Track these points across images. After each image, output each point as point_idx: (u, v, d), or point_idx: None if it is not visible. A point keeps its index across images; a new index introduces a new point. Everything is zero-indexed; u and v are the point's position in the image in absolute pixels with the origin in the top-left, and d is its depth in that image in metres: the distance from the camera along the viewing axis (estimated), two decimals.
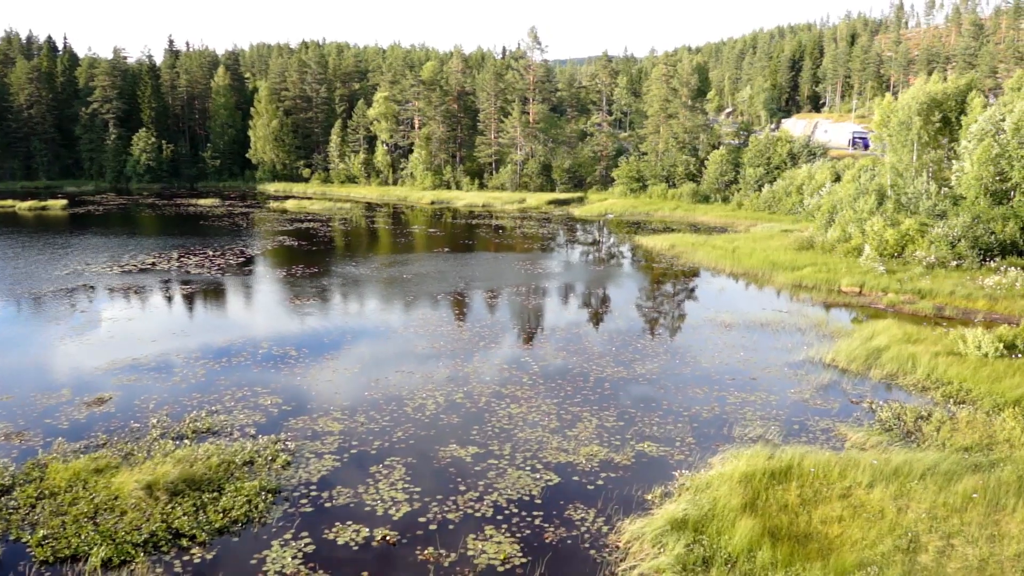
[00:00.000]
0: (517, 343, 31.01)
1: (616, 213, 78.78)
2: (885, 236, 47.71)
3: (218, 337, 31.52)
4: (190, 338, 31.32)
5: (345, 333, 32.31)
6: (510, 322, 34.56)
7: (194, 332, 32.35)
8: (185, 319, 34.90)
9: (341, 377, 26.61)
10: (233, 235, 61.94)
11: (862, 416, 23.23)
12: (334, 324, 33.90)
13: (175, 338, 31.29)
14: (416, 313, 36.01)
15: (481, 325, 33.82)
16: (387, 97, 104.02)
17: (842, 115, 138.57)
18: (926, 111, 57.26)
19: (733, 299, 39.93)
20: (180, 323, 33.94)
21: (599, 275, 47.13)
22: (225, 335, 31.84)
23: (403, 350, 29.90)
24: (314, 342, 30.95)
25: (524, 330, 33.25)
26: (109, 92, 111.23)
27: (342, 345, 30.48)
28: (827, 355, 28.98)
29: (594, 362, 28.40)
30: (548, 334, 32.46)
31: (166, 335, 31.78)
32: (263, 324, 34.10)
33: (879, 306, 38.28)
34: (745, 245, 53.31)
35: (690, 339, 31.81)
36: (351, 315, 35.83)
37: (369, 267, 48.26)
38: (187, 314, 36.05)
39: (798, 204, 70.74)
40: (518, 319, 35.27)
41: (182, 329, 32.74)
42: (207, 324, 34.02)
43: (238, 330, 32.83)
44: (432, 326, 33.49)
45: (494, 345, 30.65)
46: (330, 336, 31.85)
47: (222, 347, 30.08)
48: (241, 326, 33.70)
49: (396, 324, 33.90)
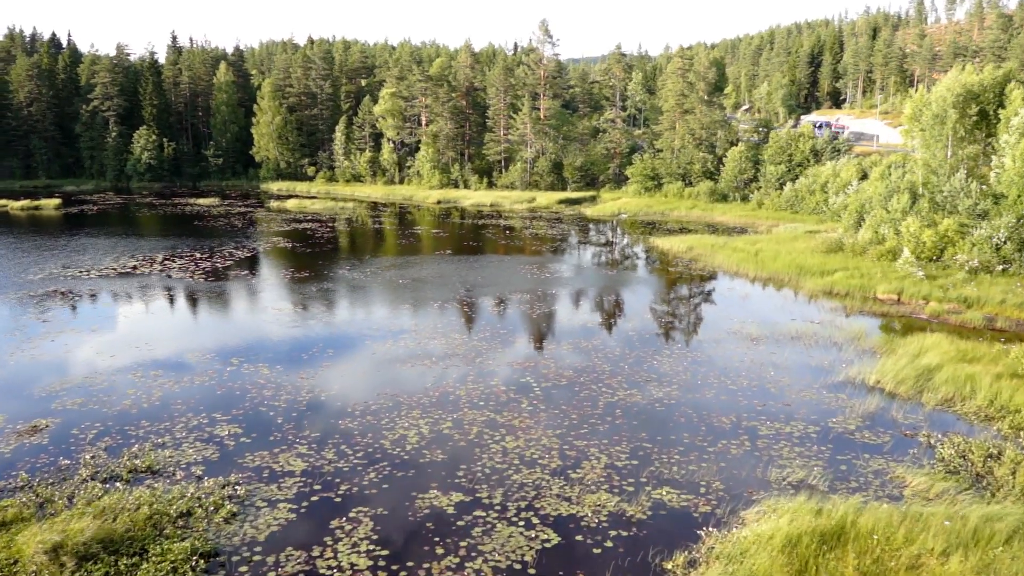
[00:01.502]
0: (518, 360, 27.59)
1: (630, 213, 75.20)
2: (922, 238, 43.95)
3: (185, 352, 28.31)
4: (153, 352, 28.12)
5: (326, 348, 29.01)
6: (512, 335, 31.15)
7: (159, 345, 29.15)
8: (153, 330, 31.71)
9: (314, 401, 23.31)
10: (227, 236, 58.89)
11: (919, 453, 19.68)
12: (315, 337, 30.62)
13: (137, 352, 28.11)
14: (408, 324, 32.67)
15: (479, 338, 30.42)
16: (393, 93, 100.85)
17: (864, 111, 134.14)
18: (962, 104, 53.42)
19: (758, 308, 36.35)
20: (147, 335, 30.75)
21: (611, 280, 43.64)
22: (193, 349, 28.62)
23: (389, 369, 26.57)
24: (290, 358, 27.68)
25: (527, 345, 29.83)
26: (110, 89, 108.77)
27: (321, 362, 27.18)
28: (870, 375, 25.40)
29: (604, 383, 24.95)
30: (553, 349, 29.03)
31: (128, 349, 28.61)
32: (237, 336, 30.86)
33: (921, 316, 34.59)
34: (768, 247, 49.67)
35: (713, 355, 28.29)
36: (335, 326, 32.53)
37: (365, 271, 45.00)
38: (156, 325, 32.88)
39: (822, 203, 66.94)
40: (521, 331, 31.85)
41: (147, 342, 29.54)
42: (176, 336, 30.80)
43: (208, 343, 29.61)
44: (424, 340, 30.13)
45: (492, 362, 27.25)
46: (309, 351, 28.56)
47: (186, 363, 26.85)
48: (213, 338, 30.47)
49: (384, 337, 30.57)
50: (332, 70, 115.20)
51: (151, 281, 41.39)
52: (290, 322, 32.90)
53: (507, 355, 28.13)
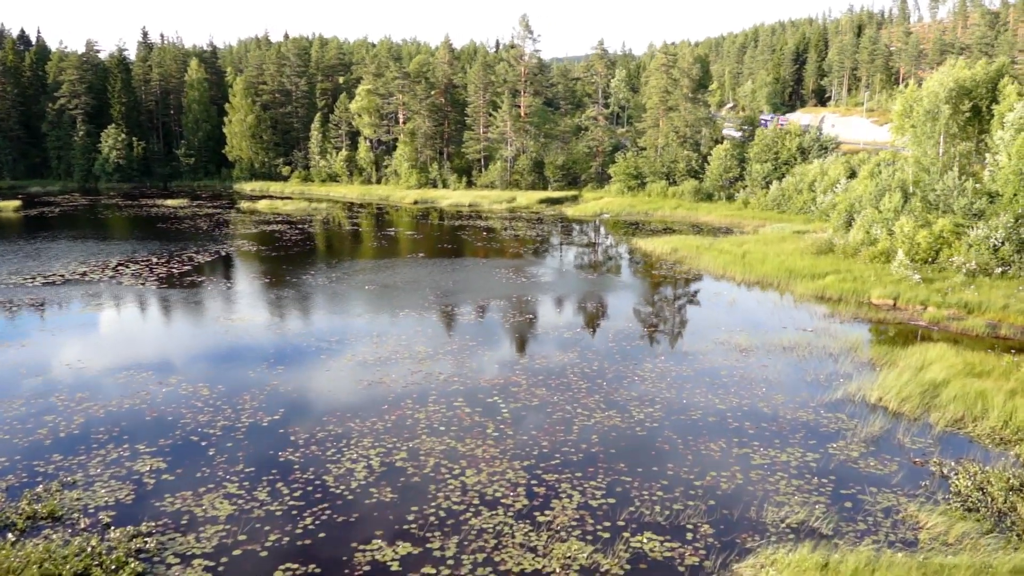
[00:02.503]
0: (487, 376, 25.16)
1: (612, 213, 72.94)
2: (917, 239, 41.93)
3: (119, 370, 25.66)
4: (84, 371, 25.46)
5: (277, 364, 26.46)
6: (482, 348, 28.71)
7: (93, 363, 26.49)
8: (88, 346, 29.02)
9: (255, 427, 20.78)
10: (189, 240, 56.07)
11: (932, 486, 17.45)
12: (266, 351, 28.04)
13: (66, 371, 25.44)
14: (370, 336, 30.15)
15: (446, 351, 27.96)
16: (370, 90, 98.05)
17: (849, 109, 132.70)
18: (955, 99, 51.48)
19: (747, 315, 34.12)
20: (81, 351, 28.07)
21: (591, 285, 41.29)
22: (129, 367, 25.97)
23: (342, 387, 24.06)
24: (235, 376, 25.11)
25: (497, 359, 27.39)
26: (77, 87, 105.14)
27: (268, 380, 24.63)
28: (871, 391, 23.18)
29: (580, 403, 22.57)
30: (526, 364, 26.62)
31: (57, 367, 25.94)
32: (181, 351, 28.25)
33: (920, 323, 32.48)
34: (756, 249, 47.53)
35: (700, 369, 25.98)
36: (290, 339, 29.94)
37: (332, 276, 42.42)
38: (94, 339, 30.18)
39: (810, 202, 64.95)
40: (492, 344, 29.42)
41: (80, 359, 26.86)
42: (112, 352, 28.11)
43: (148, 360, 26.97)
44: (385, 354, 27.64)
45: (458, 379, 24.80)
46: (257, 367, 26.00)
47: (118, 384, 24.22)
48: (153, 354, 27.83)
49: (341, 351, 28.05)
50: (308, 67, 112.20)
51: (99, 289, 38.61)
52: (242, 334, 30.30)
53: (475, 371, 25.69)
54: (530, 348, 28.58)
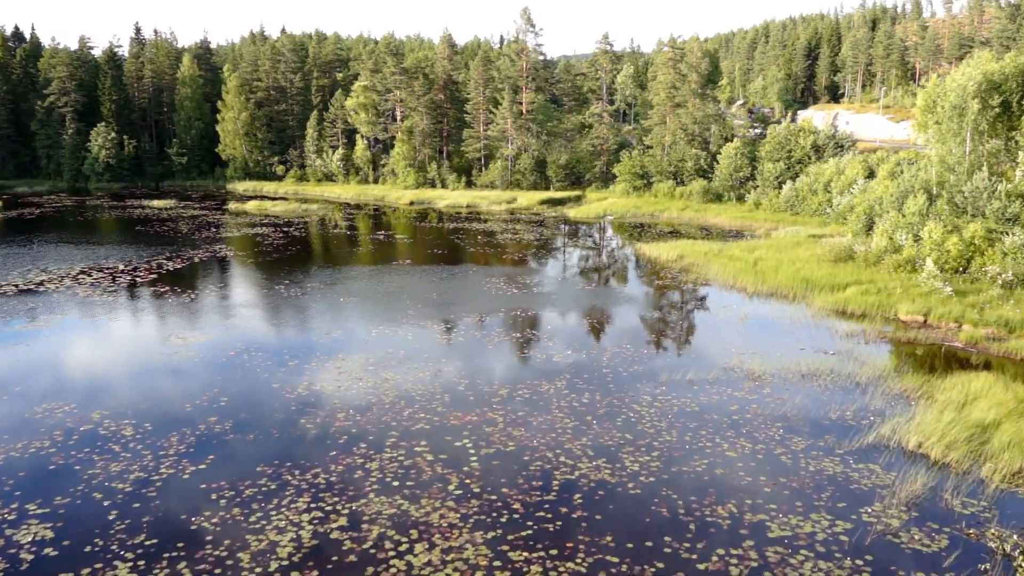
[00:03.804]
0: (457, 412, 21.73)
1: (616, 214, 69.35)
2: (946, 246, 38.28)
3: (40, 401, 22.37)
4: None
5: (220, 395, 23.09)
6: (457, 375, 25.29)
7: (11, 393, 23.20)
8: (15, 371, 25.69)
9: (172, 481, 17.44)
10: (166, 244, 52.86)
11: (995, 570, 13.93)
12: (212, 379, 24.69)
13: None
14: (331, 359, 26.75)
15: (415, 379, 24.54)
16: (367, 87, 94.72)
17: (864, 105, 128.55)
18: (984, 93, 47.71)
19: (760, 333, 30.56)
20: (3, 378, 24.79)
21: (588, 298, 37.79)
22: (53, 397, 22.67)
23: (286, 428, 20.68)
24: (168, 411, 21.77)
25: (473, 390, 23.94)
26: (68, 84, 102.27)
27: (204, 417, 21.28)
28: (909, 435, 19.64)
29: (563, 450, 19.13)
30: (505, 396, 23.14)
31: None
32: (116, 378, 24.96)
33: (955, 344, 28.85)
34: (769, 255, 43.94)
35: (706, 404, 22.47)
36: (241, 364, 26.53)
37: (307, 287, 39.10)
38: (24, 362, 26.84)
39: (826, 204, 61.26)
40: (469, 370, 25.98)
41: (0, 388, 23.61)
42: (39, 379, 24.80)
43: (76, 389, 23.69)
44: (345, 383, 24.25)
45: (424, 416, 21.39)
46: (196, 399, 22.65)
47: (33, 421, 20.92)
48: (85, 382, 24.56)
49: (296, 379, 24.66)
50: (305, 64, 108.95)
51: (50, 301, 35.39)
52: (191, 357, 26.98)
53: (446, 405, 22.26)
54: (513, 375, 25.12)
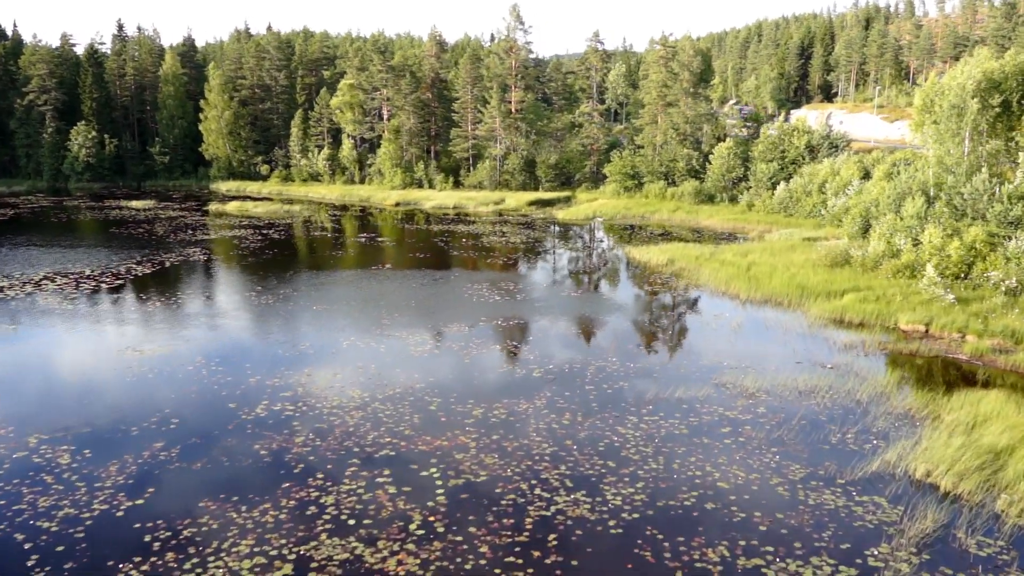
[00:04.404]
0: (427, 436, 20.01)
1: (606, 216, 67.70)
2: (947, 250, 36.77)
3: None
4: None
5: (171, 416, 21.28)
6: (428, 392, 23.57)
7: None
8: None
9: (103, 521, 15.68)
10: (138, 247, 50.95)
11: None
12: (164, 397, 22.87)
13: None
14: (296, 375, 24.98)
15: (383, 398, 22.81)
16: (352, 85, 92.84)
17: (858, 105, 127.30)
18: (983, 92, 46.27)
19: (754, 344, 28.94)
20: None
21: (573, 307, 36.09)
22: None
23: (237, 455, 18.91)
24: (111, 435, 19.98)
25: (445, 410, 22.21)
26: (48, 82, 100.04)
27: (149, 442, 19.48)
28: (916, 462, 18.05)
29: (539, 480, 17.45)
30: (478, 418, 21.42)
31: None
32: (63, 397, 23.14)
33: (959, 356, 27.29)
34: (762, 259, 42.41)
35: (695, 425, 20.81)
36: (200, 378, 24.70)
37: (278, 293, 37.31)
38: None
39: (820, 205, 59.78)
40: (441, 387, 24.25)
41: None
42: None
43: (17, 409, 21.86)
44: (307, 403, 22.49)
45: (389, 441, 19.66)
46: (144, 422, 20.84)
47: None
48: (28, 401, 22.75)
49: (255, 397, 22.85)
50: (291, 61, 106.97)
51: (6, 310, 33.52)
52: (146, 372, 25.18)
53: (415, 427, 20.55)
54: (489, 393, 23.40)
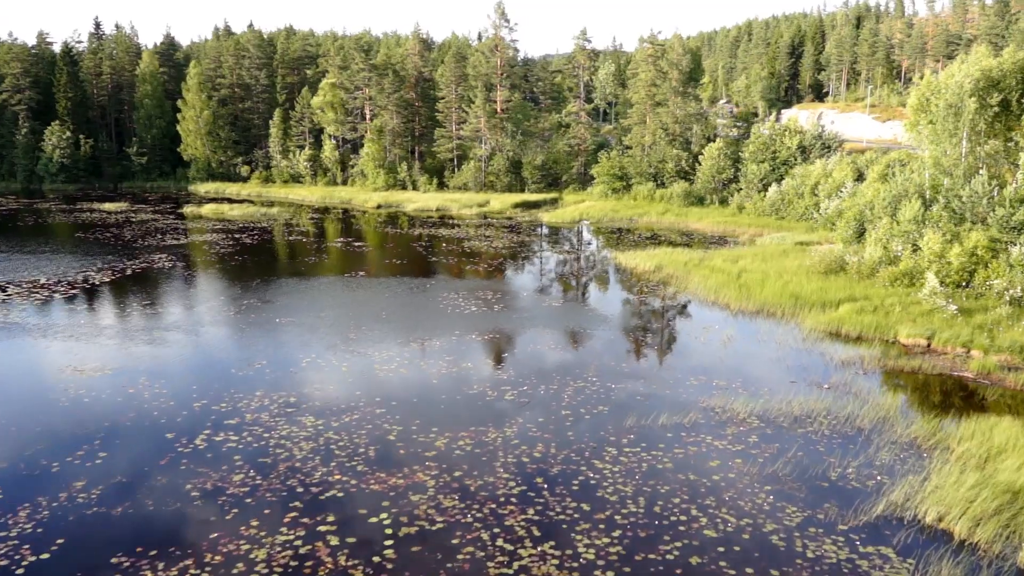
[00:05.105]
0: (378, 476, 17.90)
1: (594, 219, 65.77)
2: (948, 257, 34.94)
3: None
4: None
5: (101, 447, 19.11)
6: (386, 419, 21.45)
7: None
8: None
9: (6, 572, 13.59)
10: (102, 253, 48.63)
11: None
12: (97, 425, 20.64)
13: None
14: (247, 399, 22.83)
15: (336, 428, 20.69)
16: (334, 84, 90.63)
17: (849, 104, 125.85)
18: (982, 91, 44.49)
19: (745, 361, 26.98)
20: None
21: (553, 319, 34.04)
22: None
23: (164, 496, 16.75)
24: (31, 470, 17.79)
25: (402, 441, 20.10)
26: (22, 80, 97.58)
27: (71, 479, 17.32)
28: (925, 505, 16.10)
29: (503, 528, 15.39)
30: (440, 452, 19.32)
31: None
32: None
33: (965, 374, 25.39)
34: (753, 266, 40.53)
35: (680, 459, 18.79)
36: (141, 403, 22.52)
37: (241, 304, 35.14)
38: None
39: (812, 208, 58.00)
40: (401, 412, 22.14)
41: None
42: None
43: None
44: (254, 434, 20.36)
45: (337, 482, 17.56)
46: (71, 454, 18.68)
47: None
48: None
49: (196, 425, 20.70)
50: (272, 60, 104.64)
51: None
52: (80, 396, 22.98)
53: (366, 463, 18.45)
54: (455, 419, 21.32)
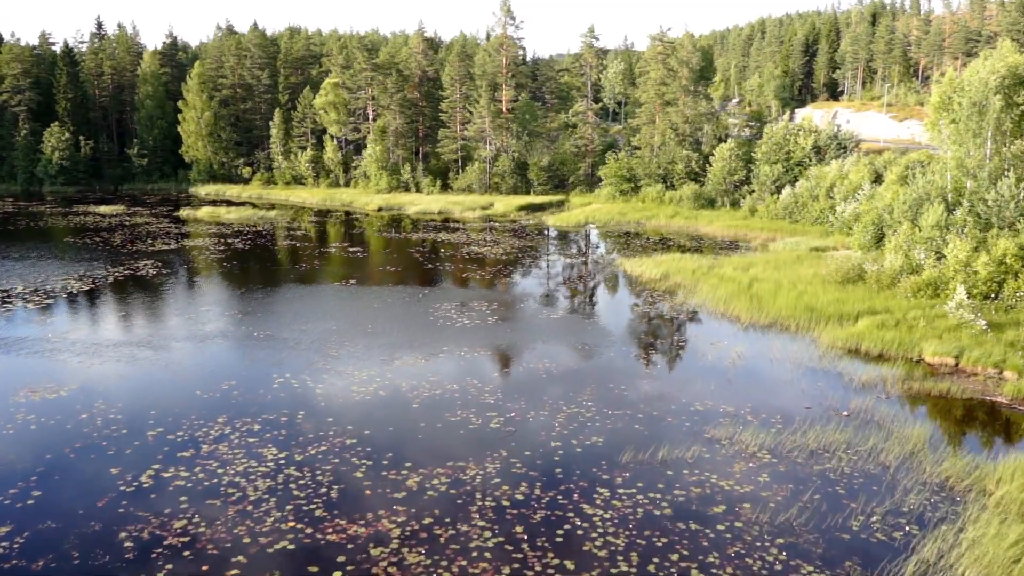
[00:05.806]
0: (340, 522, 15.88)
1: (600, 222, 63.61)
2: (975, 266, 32.63)
3: None
4: None
5: (25, 494, 17.16)
6: (355, 452, 19.44)
7: None
8: None
9: None
10: (87, 259, 46.92)
11: None
12: (28, 465, 18.69)
13: None
14: (209, 427, 20.88)
15: (297, 463, 18.68)
16: (337, 84, 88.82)
17: (865, 103, 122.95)
18: (1008, 89, 42.06)
19: (756, 383, 24.82)
20: None
21: (551, 333, 31.91)
22: None
23: (80, 562, 14.76)
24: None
25: (371, 479, 18.07)
26: (22, 81, 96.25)
27: (10, 516, 15.49)
28: (961, 564, 13.95)
29: None
30: (411, 493, 17.23)
31: None
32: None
33: (998, 399, 23.14)
34: (765, 275, 38.31)
35: (680, 504, 16.67)
36: (77, 439, 20.51)
37: (219, 317, 33.28)
38: None
39: (828, 211, 55.57)
40: (374, 444, 20.12)
41: None
42: None
43: None
44: (209, 470, 18.38)
45: (287, 530, 15.56)
46: (13, 489, 16.86)
47: None
48: None
49: (138, 465, 18.71)
50: (275, 60, 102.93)
51: None
52: (27, 423, 21.08)
53: (329, 505, 16.43)
54: (432, 453, 19.29)
